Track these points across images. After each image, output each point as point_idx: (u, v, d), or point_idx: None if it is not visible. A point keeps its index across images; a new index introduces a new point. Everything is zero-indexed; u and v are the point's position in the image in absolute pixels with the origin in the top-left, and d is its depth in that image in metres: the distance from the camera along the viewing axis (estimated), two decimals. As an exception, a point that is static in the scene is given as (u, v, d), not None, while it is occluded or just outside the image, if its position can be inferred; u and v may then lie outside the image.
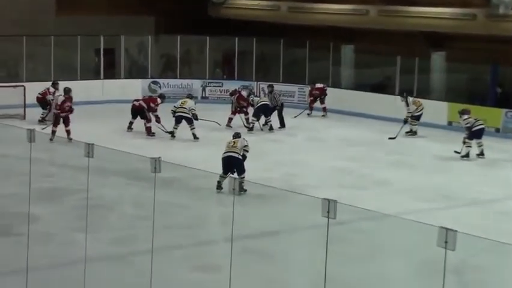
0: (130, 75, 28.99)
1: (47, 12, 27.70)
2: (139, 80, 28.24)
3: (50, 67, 26.60)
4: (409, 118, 22.86)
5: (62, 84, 22.64)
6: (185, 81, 28.66)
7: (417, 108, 22.97)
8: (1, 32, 25.82)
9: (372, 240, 12.69)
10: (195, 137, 21.25)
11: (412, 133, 22.98)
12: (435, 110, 24.23)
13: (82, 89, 26.24)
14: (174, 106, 21.70)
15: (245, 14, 29.87)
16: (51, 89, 23.30)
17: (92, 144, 10.21)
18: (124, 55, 28.95)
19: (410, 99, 23.13)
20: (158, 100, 22.27)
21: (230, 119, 23.26)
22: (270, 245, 12.64)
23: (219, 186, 15.44)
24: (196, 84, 28.43)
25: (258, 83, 28.37)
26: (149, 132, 21.85)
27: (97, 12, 28.50)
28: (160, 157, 9.58)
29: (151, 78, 28.69)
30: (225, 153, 15.72)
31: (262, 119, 23.19)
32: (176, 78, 29.00)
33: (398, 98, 23.85)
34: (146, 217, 12.51)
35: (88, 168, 10.56)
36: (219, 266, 10.62)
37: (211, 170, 15.23)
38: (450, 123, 24.09)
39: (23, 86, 24.21)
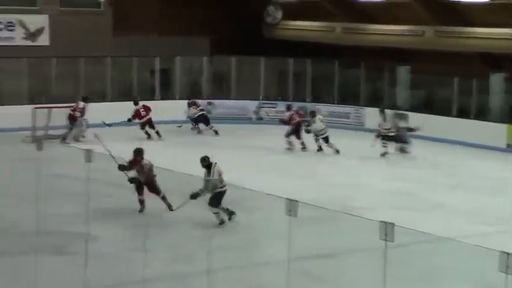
0: (185, 96, 29.11)
1: (104, 33, 28.03)
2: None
3: (106, 87, 26.91)
4: (380, 132, 22.35)
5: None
6: (239, 102, 28.73)
7: (390, 128, 22.42)
8: (59, 53, 26.20)
9: (430, 263, 12.48)
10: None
11: (384, 155, 22.20)
12: (494, 132, 23.89)
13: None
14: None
15: (299, 35, 29.87)
16: (81, 104, 23.23)
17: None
18: (179, 76, 29.12)
19: (389, 115, 22.71)
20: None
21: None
22: (327, 268, 12.50)
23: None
24: (250, 105, 28.44)
25: (313, 103, 28.29)
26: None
27: (153, 33, 28.78)
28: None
29: (206, 99, 28.83)
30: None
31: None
32: (230, 99, 29.10)
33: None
34: (203, 236, 12.55)
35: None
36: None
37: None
38: (509, 145, 23.70)
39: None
